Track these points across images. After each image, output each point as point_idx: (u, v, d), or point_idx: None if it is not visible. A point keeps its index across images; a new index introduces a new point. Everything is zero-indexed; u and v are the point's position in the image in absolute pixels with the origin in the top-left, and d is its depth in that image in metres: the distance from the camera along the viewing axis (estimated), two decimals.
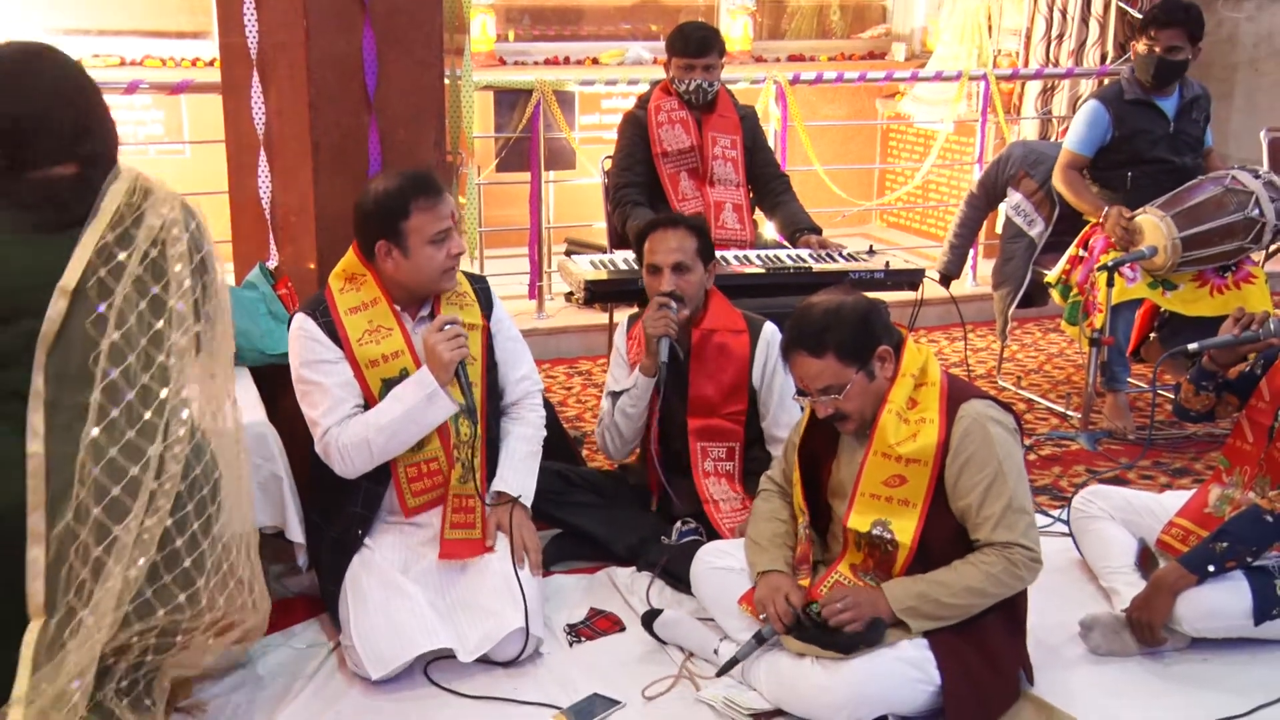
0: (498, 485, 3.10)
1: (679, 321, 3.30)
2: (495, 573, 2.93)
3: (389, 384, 2.93)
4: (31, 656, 2.08)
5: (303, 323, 2.97)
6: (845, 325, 2.65)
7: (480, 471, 3.05)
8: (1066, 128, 4.99)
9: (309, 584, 3.24)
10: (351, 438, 2.88)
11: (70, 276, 2.15)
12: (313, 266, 3.40)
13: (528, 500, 3.13)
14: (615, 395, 3.45)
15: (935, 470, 2.63)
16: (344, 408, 2.91)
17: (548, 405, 3.69)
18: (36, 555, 2.09)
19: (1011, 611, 2.69)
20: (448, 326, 2.89)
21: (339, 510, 3.00)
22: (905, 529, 2.65)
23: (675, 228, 3.36)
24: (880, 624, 2.57)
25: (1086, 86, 6.75)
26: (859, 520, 2.70)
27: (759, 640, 2.68)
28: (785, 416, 3.41)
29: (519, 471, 3.14)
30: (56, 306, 2.14)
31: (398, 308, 3.00)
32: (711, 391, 3.38)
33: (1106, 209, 4.52)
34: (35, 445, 2.11)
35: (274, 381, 3.35)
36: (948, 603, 2.57)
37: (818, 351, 2.65)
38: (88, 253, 2.16)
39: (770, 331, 3.43)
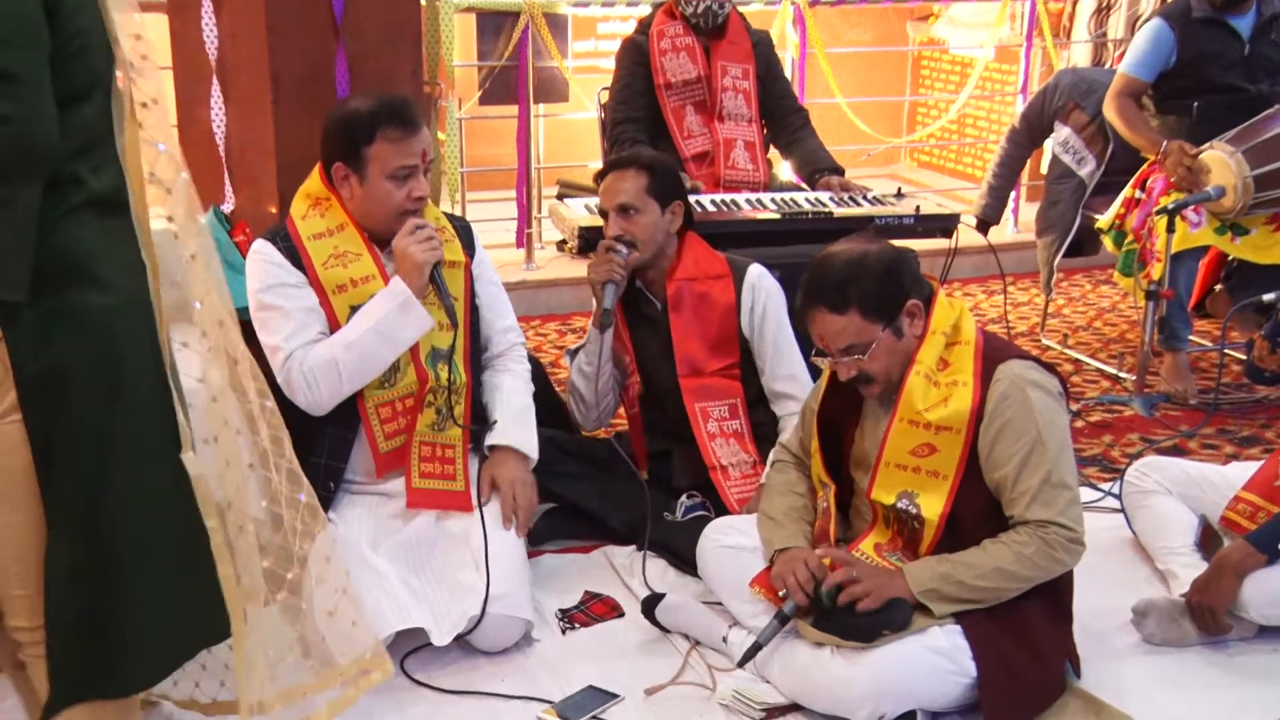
0: (497, 439, 3.11)
1: (628, 265, 3.34)
2: (475, 547, 2.93)
3: (358, 311, 2.93)
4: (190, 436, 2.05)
5: (261, 247, 2.98)
6: (870, 277, 2.64)
7: (466, 422, 3.06)
8: (1123, 53, 4.95)
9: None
10: (317, 359, 2.88)
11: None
12: (274, 210, 3.39)
13: (532, 454, 3.14)
14: (573, 354, 3.49)
15: (968, 438, 2.62)
16: (308, 332, 2.92)
17: (537, 364, 3.68)
18: (163, 337, 2.04)
19: (1055, 596, 2.68)
20: (419, 230, 2.91)
21: (303, 464, 3.00)
22: (933, 504, 2.65)
23: (625, 168, 3.39)
24: (903, 606, 2.57)
25: (1147, 5, 6.69)
26: (883, 492, 2.70)
27: (782, 620, 2.68)
28: (784, 368, 3.42)
29: (519, 424, 3.15)
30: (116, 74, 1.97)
31: (366, 234, 3.00)
32: (696, 347, 3.39)
33: (1165, 144, 4.49)
34: (158, 223, 2.01)
35: None
36: (974, 585, 2.57)
37: (839, 307, 2.64)
38: None
39: (755, 274, 3.44)
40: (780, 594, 2.71)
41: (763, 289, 3.42)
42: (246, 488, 2.23)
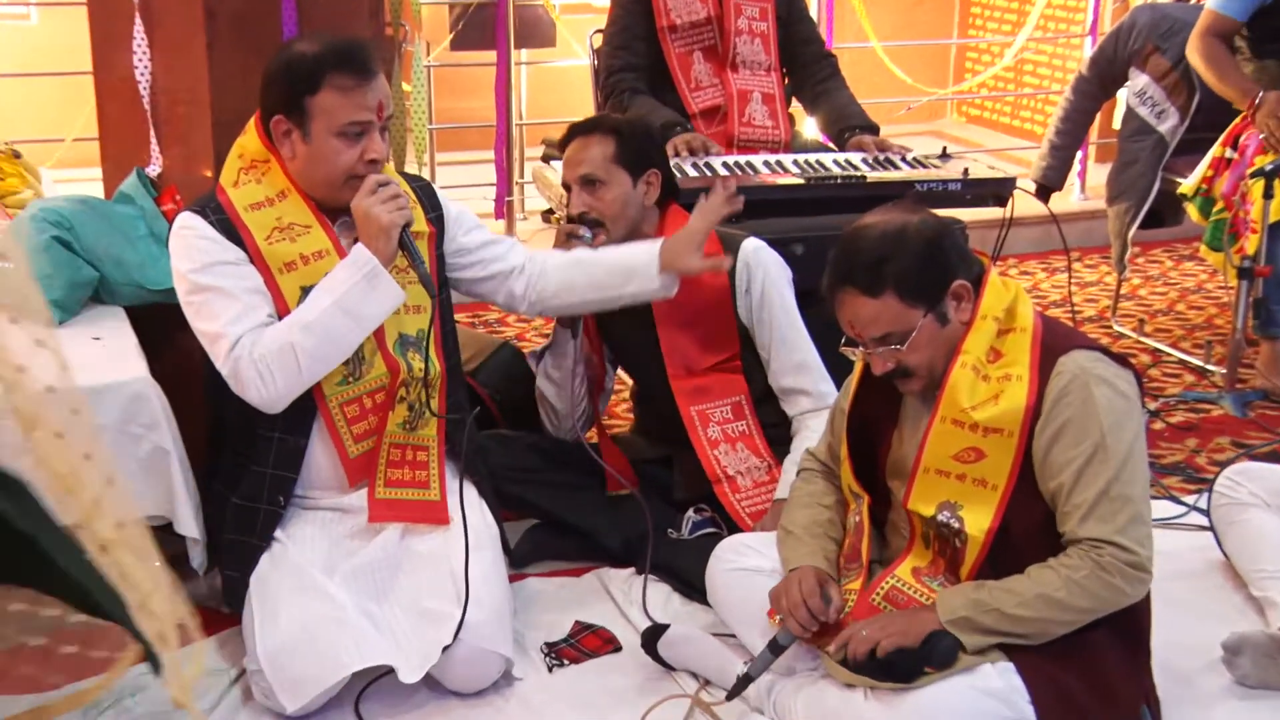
0: (642, 255, 3.18)
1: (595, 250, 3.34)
2: (450, 568, 2.93)
3: (316, 288, 2.90)
4: None
5: (189, 221, 2.93)
6: (909, 254, 2.62)
7: (440, 422, 3.06)
8: None
9: (206, 592, 3.24)
10: (270, 344, 2.83)
11: None
12: (208, 174, 3.39)
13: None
14: (538, 357, 3.50)
15: (1022, 442, 2.60)
16: (257, 314, 2.88)
17: (519, 356, 3.68)
18: None
19: (1128, 626, 2.66)
20: (381, 188, 2.87)
21: (246, 473, 3.01)
22: (978, 518, 2.63)
23: (589, 133, 3.41)
24: (946, 639, 2.56)
25: None
26: (921, 502, 2.69)
27: (775, 649, 2.69)
28: (792, 356, 3.40)
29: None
30: None
31: (313, 202, 2.97)
32: (687, 341, 3.39)
33: (1260, 94, 4.48)
34: None
35: (157, 325, 3.33)
36: (1013, 615, 2.55)
37: (873, 289, 2.62)
38: None
39: (750, 248, 3.43)
40: (778, 619, 2.71)
41: (759, 265, 3.39)
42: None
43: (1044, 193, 5.24)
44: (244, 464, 3.00)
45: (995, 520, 2.62)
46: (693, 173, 3.88)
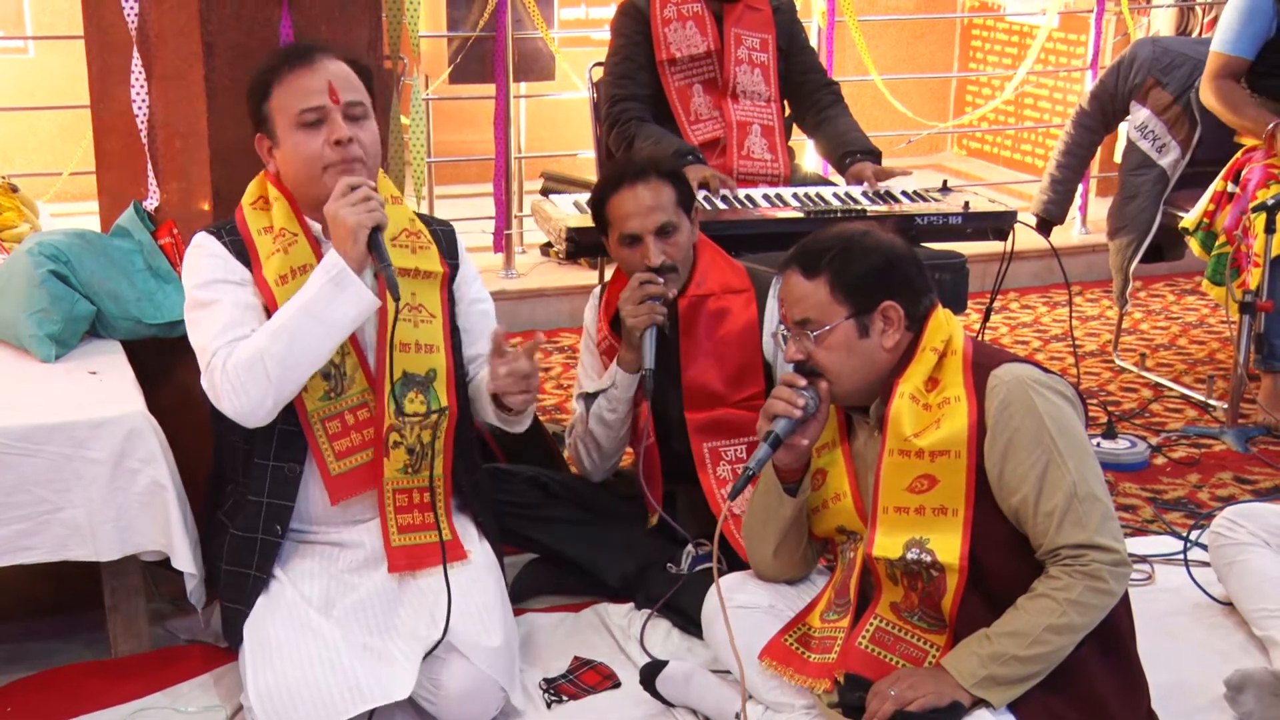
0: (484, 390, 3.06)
1: (668, 299, 3.32)
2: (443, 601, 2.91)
3: None
4: None
5: (204, 240, 2.97)
6: (860, 255, 2.68)
7: (447, 459, 3.04)
8: (1215, 18, 4.97)
9: (203, 628, 3.25)
10: (242, 354, 2.81)
11: None
12: (206, 208, 3.39)
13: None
14: (589, 397, 3.45)
15: (972, 461, 2.60)
16: (240, 329, 2.87)
17: None
18: None
19: (1109, 642, 2.63)
20: (352, 191, 2.84)
21: (242, 502, 3.00)
22: (948, 545, 2.61)
23: (644, 179, 3.33)
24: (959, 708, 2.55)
25: None
26: (888, 545, 2.67)
27: (774, 444, 2.70)
28: None
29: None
30: None
31: (304, 215, 2.98)
32: (713, 375, 3.38)
33: (1273, 124, 4.49)
34: None
35: (155, 360, 3.34)
36: (1029, 656, 2.53)
37: (810, 271, 2.69)
38: None
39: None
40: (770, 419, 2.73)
41: None
42: None
43: (1045, 226, 5.24)
44: (242, 494, 3.00)
45: (965, 544, 2.61)
46: None
